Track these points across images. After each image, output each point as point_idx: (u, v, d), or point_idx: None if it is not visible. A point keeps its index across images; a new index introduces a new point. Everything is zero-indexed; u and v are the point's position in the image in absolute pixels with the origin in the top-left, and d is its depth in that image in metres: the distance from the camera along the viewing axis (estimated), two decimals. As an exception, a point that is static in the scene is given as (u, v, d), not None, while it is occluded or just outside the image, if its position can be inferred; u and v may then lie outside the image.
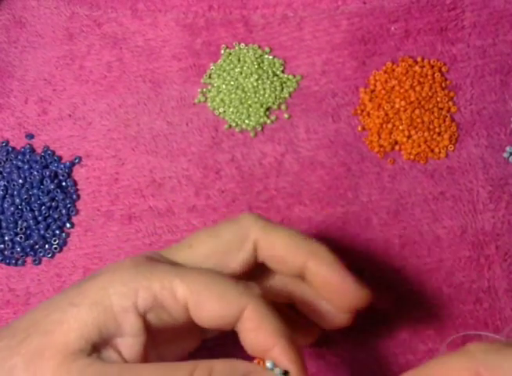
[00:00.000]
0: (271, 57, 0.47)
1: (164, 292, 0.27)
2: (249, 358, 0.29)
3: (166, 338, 0.30)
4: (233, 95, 0.45)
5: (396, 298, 0.40)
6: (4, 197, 0.44)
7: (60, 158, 0.45)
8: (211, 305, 0.28)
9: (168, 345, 0.31)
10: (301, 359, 0.28)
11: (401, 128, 0.43)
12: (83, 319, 0.26)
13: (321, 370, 0.38)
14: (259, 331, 0.27)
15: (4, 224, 0.43)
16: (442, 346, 0.38)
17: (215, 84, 0.46)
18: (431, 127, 0.43)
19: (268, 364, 0.27)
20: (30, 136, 0.46)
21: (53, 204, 0.44)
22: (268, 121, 0.45)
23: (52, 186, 0.44)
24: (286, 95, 0.45)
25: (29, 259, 0.43)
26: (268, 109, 0.45)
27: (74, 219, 0.44)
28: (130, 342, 0.27)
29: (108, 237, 0.43)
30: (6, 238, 0.43)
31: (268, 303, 0.28)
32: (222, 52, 0.47)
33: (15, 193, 0.44)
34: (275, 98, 0.45)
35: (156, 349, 0.30)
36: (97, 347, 0.26)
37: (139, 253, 0.32)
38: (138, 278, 0.28)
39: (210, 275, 0.29)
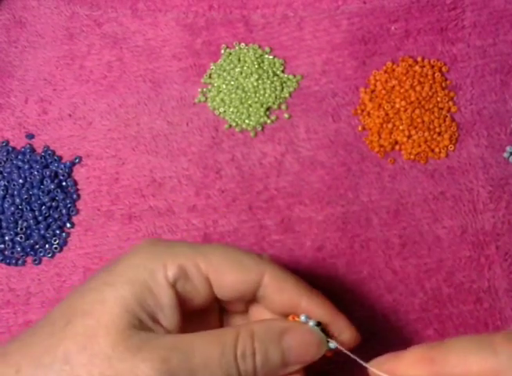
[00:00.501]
0: (271, 57, 0.47)
1: (189, 263, 0.29)
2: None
3: (191, 316, 0.31)
4: (233, 95, 0.45)
5: (396, 298, 0.40)
6: (4, 197, 0.44)
7: (60, 158, 0.45)
8: (232, 274, 0.29)
9: (193, 325, 0.32)
10: (330, 306, 0.30)
11: (401, 127, 0.43)
12: (122, 295, 0.27)
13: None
14: (283, 292, 0.29)
15: (4, 224, 0.43)
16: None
17: (215, 84, 0.46)
18: (431, 127, 0.43)
19: (303, 317, 0.29)
20: (31, 136, 0.46)
21: (53, 203, 0.44)
22: (269, 121, 0.45)
23: (53, 186, 0.44)
24: (287, 95, 0.45)
25: (29, 259, 0.43)
26: (268, 109, 0.45)
27: (75, 219, 0.44)
28: (169, 314, 0.29)
29: (108, 237, 0.43)
30: (6, 238, 0.43)
31: (281, 266, 0.30)
32: (222, 51, 0.47)
33: (15, 192, 0.44)
34: (276, 98, 0.45)
35: (193, 323, 0.31)
36: (145, 322, 0.28)
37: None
38: (163, 254, 0.29)
39: (226, 248, 0.30)
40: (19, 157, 0.45)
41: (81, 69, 0.48)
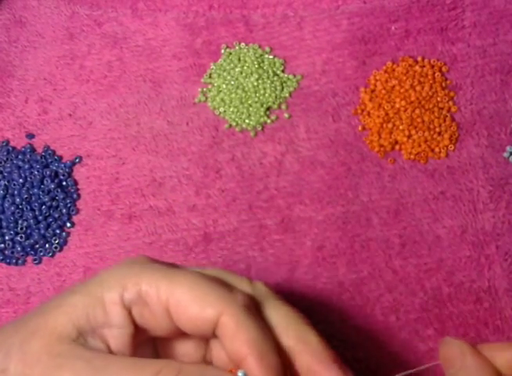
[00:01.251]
0: (271, 57, 0.47)
1: (149, 290, 0.28)
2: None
3: (168, 339, 0.30)
4: (233, 95, 0.45)
5: (396, 298, 0.40)
6: (4, 197, 0.44)
7: (61, 158, 0.46)
8: (190, 307, 0.28)
9: (173, 348, 0.31)
10: (273, 372, 0.27)
11: (401, 127, 0.43)
12: (75, 304, 0.28)
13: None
14: (234, 339, 0.27)
15: (4, 223, 0.43)
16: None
17: (215, 84, 0.46)
18: (431, 127, 0.43)
19: (240, 374, 0.27)
20: (31, 136, 0.46)
21: (54, 203, 0.44)
22: (269, 121, 0.45)
23: (53, 186, 0.44)
24: (287, 95, 0.45)
25: (29, 259, 0.43)
26: (268, 108, 0.45)
27: (75, 219, 0.44)
28: (116, 334, 0.28)
29: (108, 236, 0.43)
30: (7, 238, 0.43)
31: (251, 312, 0.28)
32: (223, 51, 0.47)
33: (15, 192, 0.44)
34: (276, 97, 0.45)
35: (163, 347, 0.31)
36: (84, 334, 0.28)
37: (139, 252, 0.32)
38: (129, 274, 0.29)
39: (196, 278, 0.29)
40: (20, 156, 0.45)
41: (81, 69, 0.48)
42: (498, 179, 0.42)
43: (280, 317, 0.29)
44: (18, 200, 0.43)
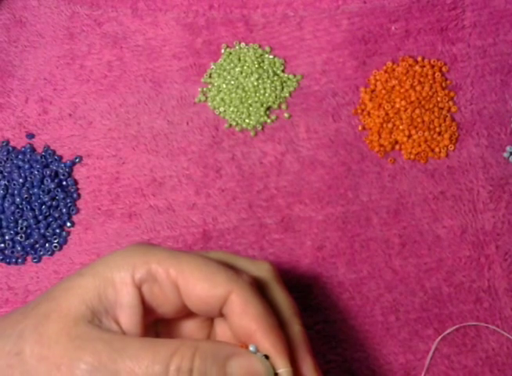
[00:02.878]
0: (271, 56, 0.47)
1: (159, 268, 0.29)
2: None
3: (173, 320, 0.31)
4: (234, 95, 0.45)
5: (396, 298, 0.40)
6: (4, 197, 0.44)
7: (61, 157, 0.46)
8: (200, 285, 0.29)
9: (178, 329, 0.32)
10: (281, 345, 0.28)
11: (401, 127, 0.43)
12: (85, 285, 0.28)
13: (321, 370, 0.38)
14: (243, 315, 0.28)
15: (4, 223, 0.43)
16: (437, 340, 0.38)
17: (216, 84, 0.46)
18: (432, 126, 0.43)
19: (251, 348, 0.28)
20: (31, 136, 0.46)
21: (54, 203, 0.44)
22: (269, 121, 0.45)
23: (53, 186, 0.44)
24: (287, 95, 0.45)
25: (28, 257, 0.43)
26: (268, 108, 0.45)
27: (75, 218, 0.44)
28: (129, 314, 0.29)
29: (108, 235, 0.43)
30: (7, 237, 0.43)
31: (256, 291, 0.29)
32: (223, 51, 0.47)
33: (15, 192, 0.44)
34: (276, 97, 0.45)
35: (166, 330, 0.31)
36: (98, 315, 0.28)
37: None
38: (137, 255, 0.30)
39: (203, 259, 0.30)
40: (20, 156, 0.45)
41: (82, 68, 0.48)
42: (498, 179, 0.42)
43: (276, 302, 0.31)
44: (18, 199, 0.43)
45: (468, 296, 0.39)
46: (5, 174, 0.45)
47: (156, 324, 0.31)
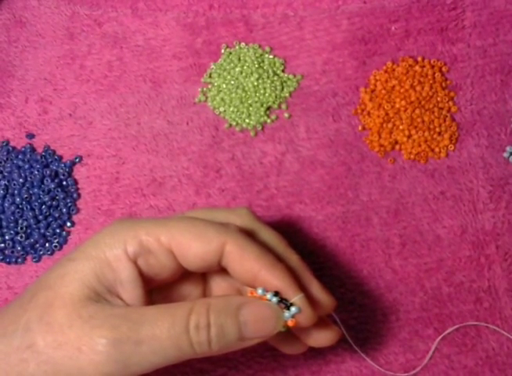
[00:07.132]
0: (271, 56, 0.47)
1: (149, 238, 0.30)
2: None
3: (167, 285, 0.32)
4: (234, 95, 0.45)
5: (396, 298, 0.40)
6: (4, 197, 0.44)
7: (61, 157, 0.46)
8: (193, 245, 0.30)
9: (173, 293, 0.33)
10: (287, 276, 0.29)
11: (401, 127, 0.43)
12: (81, 270, 0.29)
13: (321, 370, 0.38)
14: (243, 260, 0.30)
15: (4, 223, 0.43)
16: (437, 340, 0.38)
17: (216, 84, 0.46)
18: (432, 127, 0.43)
19: (260, 291, 0.29)
20: (31, 136, 0.46)
21: (54, 203, 0.44)
22: (269, 121, 0.45)
23: (53, 185, 0.44)
24: (287, 95, 0.45)
25: (28, 257, 0.43)
26: (268, 108, 0.45)
27: (75, 218, 0.44)
28: (129, 288, 0.29)
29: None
30: (7, 237, 0.43)
31: (246, 236, 0.30)
32: (223, 51, 0.47)
33: (15, 192, 0.44)
34: (276, 97, 0.45)
35: (161, 297, 0.32)
36: (102, 295, 0.29)
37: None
38: (125, 230, 0.30)
39: (189, 220, 0.31)
40: (20, 156, 0.45)
41: (82, 68, 0.48)
42: (498, 179, 0.42)
43: (265, 241, 0.32)
44: (18, 199, 0.43)
45: (468, 296, 0.39)
46: (5, 174, 0.45)
47: (151, 293, 0.32)
